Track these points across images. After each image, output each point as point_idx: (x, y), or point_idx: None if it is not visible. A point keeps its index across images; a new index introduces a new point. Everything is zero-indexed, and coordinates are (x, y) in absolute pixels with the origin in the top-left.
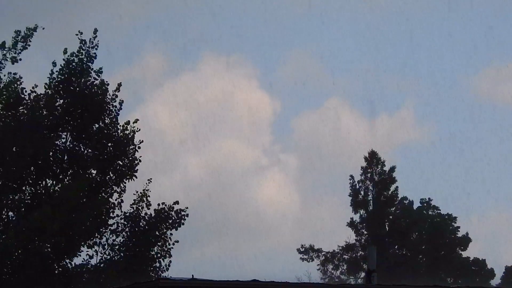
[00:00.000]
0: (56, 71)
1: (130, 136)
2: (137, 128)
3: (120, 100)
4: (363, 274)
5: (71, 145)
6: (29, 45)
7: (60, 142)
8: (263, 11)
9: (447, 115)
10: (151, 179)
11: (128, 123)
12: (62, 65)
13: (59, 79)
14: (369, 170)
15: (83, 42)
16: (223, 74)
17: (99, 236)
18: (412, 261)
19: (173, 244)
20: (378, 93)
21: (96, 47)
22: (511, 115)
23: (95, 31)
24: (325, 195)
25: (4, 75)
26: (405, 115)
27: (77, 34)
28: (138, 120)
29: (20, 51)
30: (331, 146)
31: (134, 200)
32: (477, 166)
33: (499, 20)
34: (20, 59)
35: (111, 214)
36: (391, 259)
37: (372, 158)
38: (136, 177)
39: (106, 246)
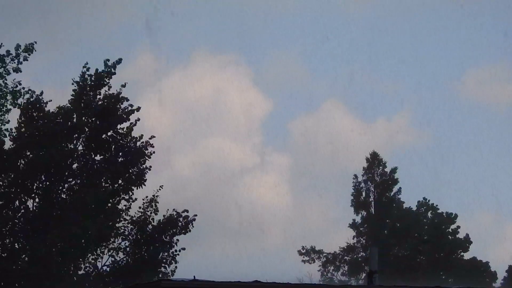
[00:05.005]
0: (77, 83)
1: (142, 148)
2: (151, 144)
3: (132, 109)
4: (364, 275)
5: (83, 152)
6: (28, 58)
7: (73, 147)
8: (257, 10)
9: (442, 118)
10: (162, 186)
11: (140, 136)
12: (80, 76)
13: (77, 90)
14: (370, 171)
15: (108, 61)
16: (215, 74)
17: (105, 242)
18: (413, 262)
19: (180, 250)
20: (374, 97)
21: (115, 66)
22: (505, 115)
23: (120, 60)
24: (324, 196)
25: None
26: (401, 118)
27: (106, 60)
28: (154, 137)
29: (21, 62)
30: (328, 148)
31: (143, 203)
32: (475, 167)
33: (490, 21)
34: (21, 71)
35: (118, 219)
36: (392, 260)
37: (374, 160)
38: (145, 185)
39: (112, 250)
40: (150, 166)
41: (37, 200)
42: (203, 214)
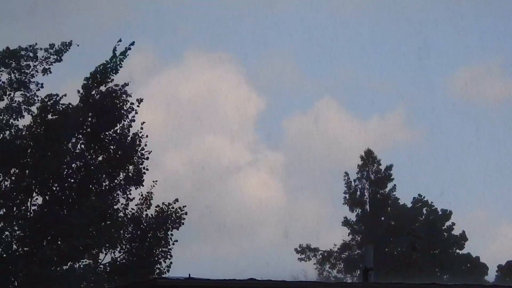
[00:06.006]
0: (86, 79)
1: (139, 148)
2: (145, 135)
3: (135, 106)
4: (359, 273)
5: (82, 150)
6: (61, 59)
7: (73, 146)
8: (250, 8)
9: (436, 115)
10: (156, 181)
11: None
12: (90, 74)
13: (84, 87)
14: (365, 168)
15: (115, 56)
16: (208, 71)
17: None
18: (408, 259)
19: (173, 244)
20: (368, 95)
21: (123, 59)
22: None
23: (129, 47)
24: (319, 194)
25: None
26: (395, 116)
27: (114, 49)
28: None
29: (52, 63)
30: (322, 146)
31: (139, 199)
32: (469, 164)
33: (482, 20)
34: (51, 72)
35: (116, 217)
36: (388, 257)
37: (368, 157)
38: (143, 185)
39: (110, 249)
40: (147, 168)
41: (39, 200)
42: (196, 212)
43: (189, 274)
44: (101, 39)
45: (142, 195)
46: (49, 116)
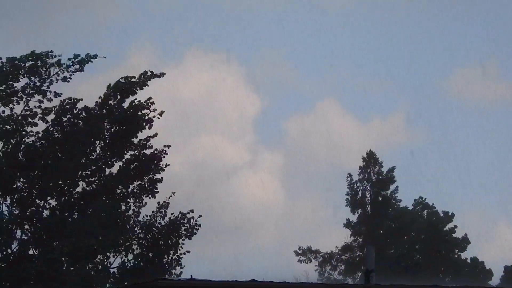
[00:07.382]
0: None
1: (158, 157)
2: (165, 148)
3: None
4: (361, 274)
5: (98, 157)
6: (83, 70)
7: (91, 152)
8: (249, 8)
9: (437, 117)
10: (174, 192)
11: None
12: (111, 85)
13: (107, 97)
14: (366, 170)
15: (145, 73)
16: (208, 72)
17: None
18: (410, 261)
19: (184, 253)
20: (368, 96)
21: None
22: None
23: (163, 74)
24: (320, 195)
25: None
26: (396, 118)
27: (145, 73)
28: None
29: (73, 72)
30: (323, 147)
31: (156, 208)
32: (471, 165)
33: (480, 21)
34: (70, 79)
35: (128, 224)
36: (389, 259)
37: (370, 159)
38: (155, 197)
39: (121, 253)
40: (162, 178)
41: (52, 203)
42: (196, 212)
43: (191, 275)
44: (102, 38)
45: (158, 204)
46: (67, 120)
